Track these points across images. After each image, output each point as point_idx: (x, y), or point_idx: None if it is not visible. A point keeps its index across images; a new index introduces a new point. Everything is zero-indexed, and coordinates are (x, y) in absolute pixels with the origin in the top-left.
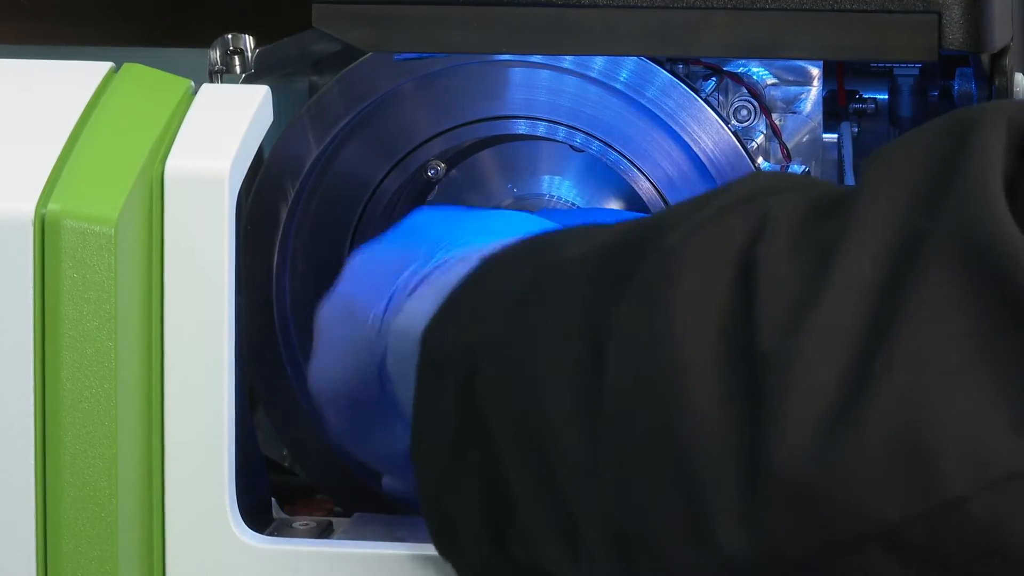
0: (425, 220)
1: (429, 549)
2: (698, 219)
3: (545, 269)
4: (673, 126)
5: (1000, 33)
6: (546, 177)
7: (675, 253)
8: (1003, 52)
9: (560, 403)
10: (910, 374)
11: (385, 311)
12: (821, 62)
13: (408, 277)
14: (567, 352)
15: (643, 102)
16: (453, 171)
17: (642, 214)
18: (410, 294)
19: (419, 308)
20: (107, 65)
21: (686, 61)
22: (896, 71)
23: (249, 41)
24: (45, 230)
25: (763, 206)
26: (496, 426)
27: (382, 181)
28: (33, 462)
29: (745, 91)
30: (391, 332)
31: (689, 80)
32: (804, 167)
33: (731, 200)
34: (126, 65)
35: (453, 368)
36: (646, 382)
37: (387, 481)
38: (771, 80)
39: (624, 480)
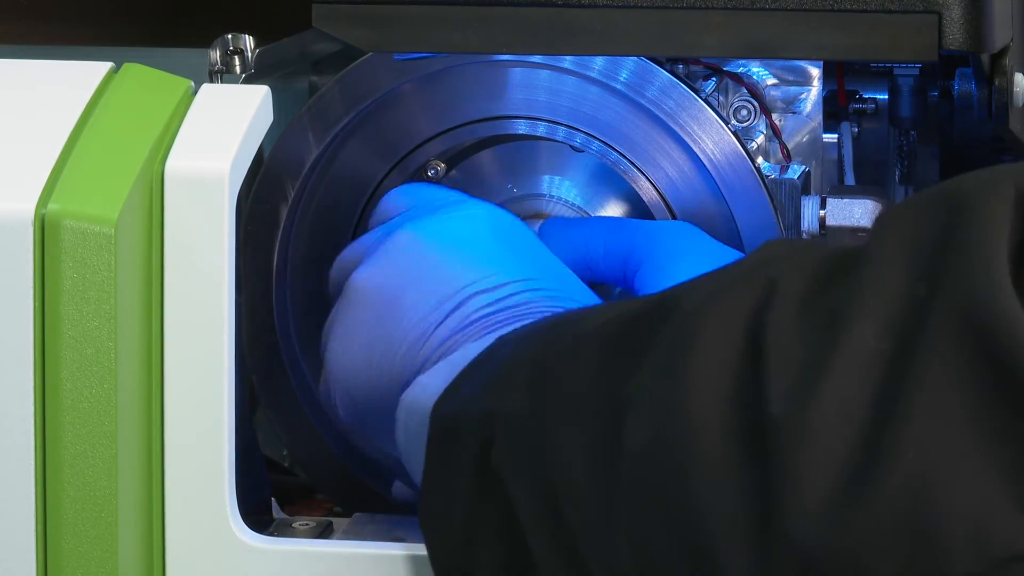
0: (422, 251)
1: None
2: (711, 288)
3: (565, 341)
4: (673, 126)
5: (1000, 33)
6: (546, 177)
7: (688, 322)
8: (1003, 52)
9: (579, 468)
10: (917, 453)
11: (435, 329)
12: (821, 62)
13: (430, 327)
14: (585, 420)
15: (643, 102)
16: (453, 171)
17: (639, 220)
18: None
19: (432, 383)
20: (107, 65)
21: (686, 61)
22: (896, 71)
23: (249, 41)
24: (45, 230)
25: (772, 272)
26: (515, 491)
27: (382, 181)
28: (33, 462)
29: (745, 91)
30: (401, 407)
31: (689, 80)
32: (804, 167)
33: (742, 269)
34: (126, 65)
35: (469, 436)
36: (661, 449)
37: (397, 488)
38: (771, 80)
39: (640, 544)
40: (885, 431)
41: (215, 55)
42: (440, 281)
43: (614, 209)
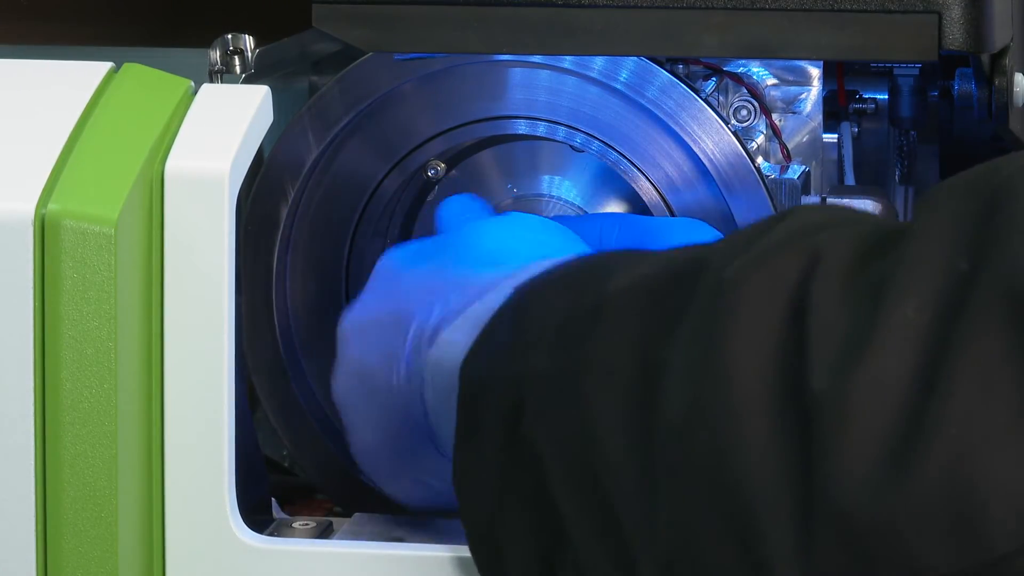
0: (399, 270)
1: (429, 549)
2: (753, 255)
3: (592, 299)
4: (673, 126)
5: (1000, 33)
6: (546, 177)
7: (730, 289)
8: (1003, 52)
9: (614, 435)
10: (960, 428)
11: (407, 366)
12: (821, 62)
13: (419, 329)
14: (620, 385)
15: (643, 102)
16: (453, 171)
17: (639, 215)
18: (433, 334)
19: (455, 339)
20: (107, 65)
21: (686, 61)
22: (896, 71)
23: (249, 41)
24: (45, 230)
25: (815, 242)
26: (547, 457)
27: (382, 181)
28: (33, 462)
29: (745, 91)
30: (427, 365)
31: (689, 80)
32: (804, 167)
33: (784, 236)
34: (126, 65)
35: (498, 399)
36: (701, 418)
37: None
38: (771, 80)
39: (679, 513)
40: (928, 406)
41: (215, 55)
42: (423, 290)
43: (614, 209)
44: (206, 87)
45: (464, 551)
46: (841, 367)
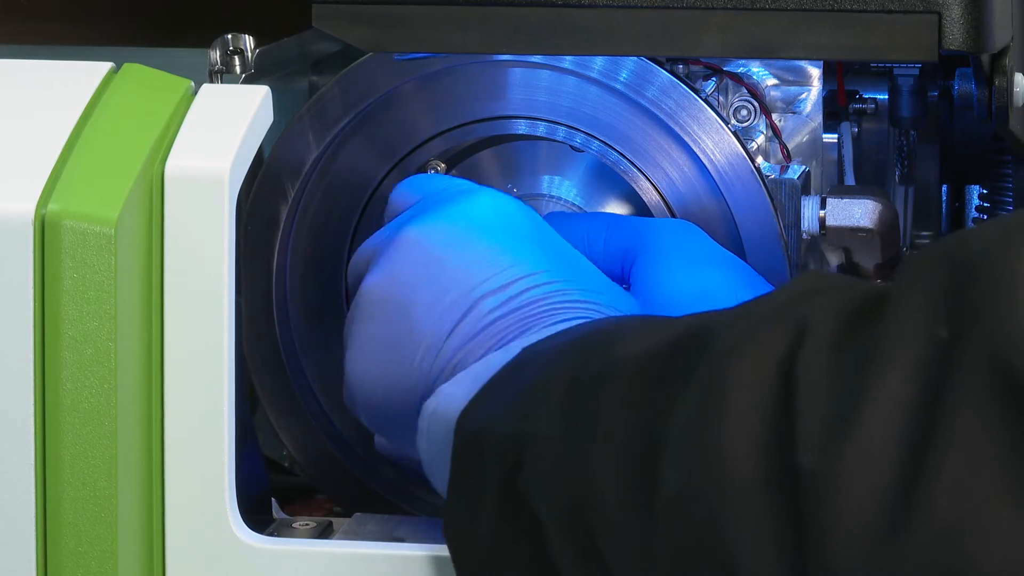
0: (483, 214)
1: (429, 549)
2: (744, 326)
3: (597, 365)
4: (673, 126)
5: (1000, 33)
6: (546, 177)
7: (720, 363)
8: (1003, 52)
9: (615, 507)
10: (950, 502)
11: (445, 340)
12: (821, 62)
13: (474, 317)
14: (621, 454)
15: (643, 102)
16: (453, 171)
17: (630, 216)
18: (448, 370)
19: (454, 392)
20: (107, 65)
21: (686, 61)
22: (896, 71)
23: (249, 41)
24: (45, 230)
25: (802, 312)
26: (545, 518)
27: (382, 181)
28: (33, 462)
29: (745, 91)
30: (424, 415)
31: (689, 80)
32: (804, 167)
33: (774, 305)
34: (126, 65)
35: (496, 455)
36: (695, 494)
37: (379, 441)
38: (771, 80)
39: None
40: (916, 481)
41: (215, 55)
42: (448, 284)
43: (614, 209)
44: (206, 87)
45: None
46: (829, 443)
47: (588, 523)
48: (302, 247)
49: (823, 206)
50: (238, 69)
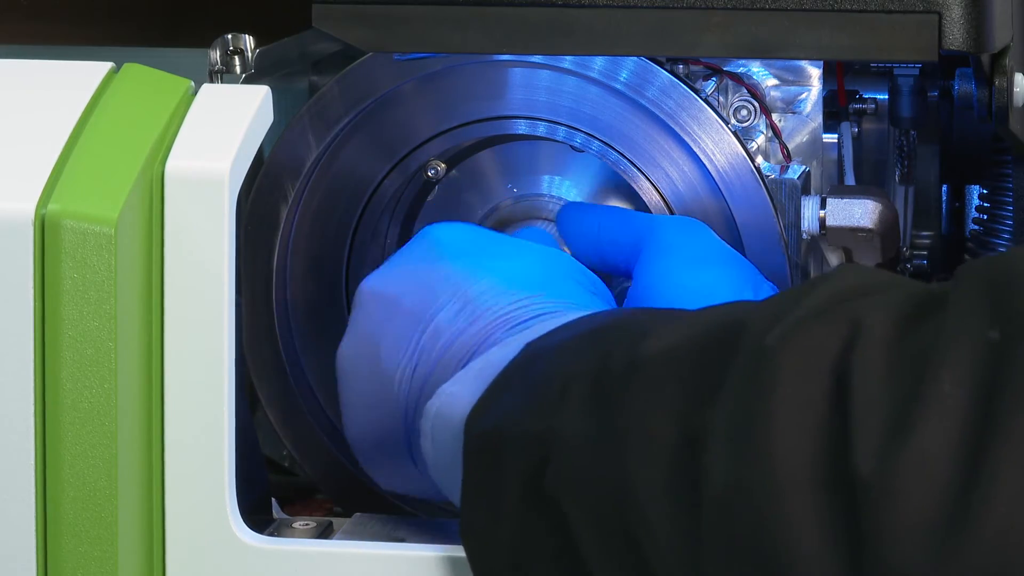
0: (440, 246)
1: (429, 549)
2: (792, 321)
3: (623, 361)
4: (673, 126)
5: (1000, 33)
6: (546, 177)
7: (770, 358)
8: (1003, 52)
9: (655, 503)
10: (1008, 506)
11: (413, 372)
12: (821, 62)
13: (432, 336)
14: (660, 454)
15: (643, 102)
16: (453, 171)
17: (647, 214)
18: (436, 365)
19: (458, 392)
20: (107, 65)
21: (686, 61)
22: (896, 71)
23: (249, 41)
24: (45, 230)
25: (856, 310)
26: (575, 520)
27: (382, 181)
28: (33, 462)
29: (745, 91)
30: (427, 417)
31: (689, 80)
32: (804, 167)
33: (823, 301)
34: (126, 65)
35: (516, 454)
36: (744, 493)
37: (386, 484)
38: (771, 80)
39: None
40: (974, 486)
41: (215, 55)
42: (448, 282)
43: None
44: (206, 87)
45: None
46: (886, 449)
47: (625, 521)
48: (302, 247)
49: (823, 206)
50: (238, 69)
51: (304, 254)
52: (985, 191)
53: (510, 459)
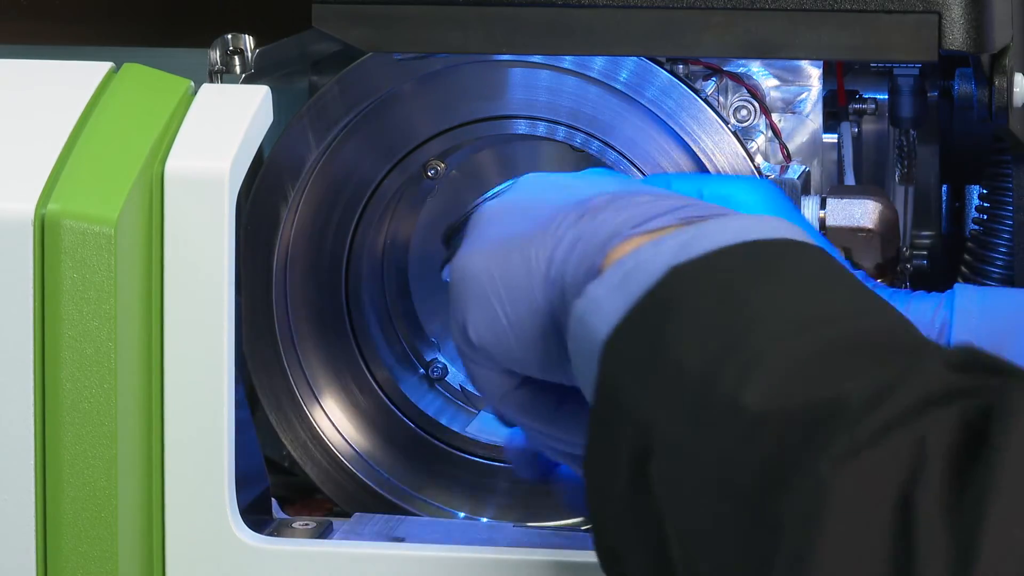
0: (546, 177)
1: (429, 549)
2: (862, 435)
3: (727, 401)
4: (673, 126)
5: (1000, 33)
6: None
7: (826, 486)
8: (1003, 52)
9: (723, 554)
10: None
11: (550, 265)
12: (821, 62)
13: (566, 228)
14: (737, 502)
15: (643, 102)
16: (453, 171)
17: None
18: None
19: (601, 299)
20: (107, 65)
21: (686, 61)
22: (896, 71)
23: (249, 41)
24: (45, 230)
25: (920, 429)
26: (668, 516)
27: (382, 181)
28: (33, 462)
29: (745, 91)
30: (571, 317)
31: (689, 80)
32: (804, 167)
33: (901, 412)
34: (126, 65)
35: (627, 438)
36: None
37: (511, 448)
38: (771, 80)
39: None
40: None
41: (215, 55)
42: (568, 190)
43: None
44: (206, 87)
45: (464, 551)
46: None
47: (695, 562)
48: (302, 247)
49: (823, 206)
50: (238, 69)
51: (304, 254)
52: (985, 191)
53: (622, 435)
